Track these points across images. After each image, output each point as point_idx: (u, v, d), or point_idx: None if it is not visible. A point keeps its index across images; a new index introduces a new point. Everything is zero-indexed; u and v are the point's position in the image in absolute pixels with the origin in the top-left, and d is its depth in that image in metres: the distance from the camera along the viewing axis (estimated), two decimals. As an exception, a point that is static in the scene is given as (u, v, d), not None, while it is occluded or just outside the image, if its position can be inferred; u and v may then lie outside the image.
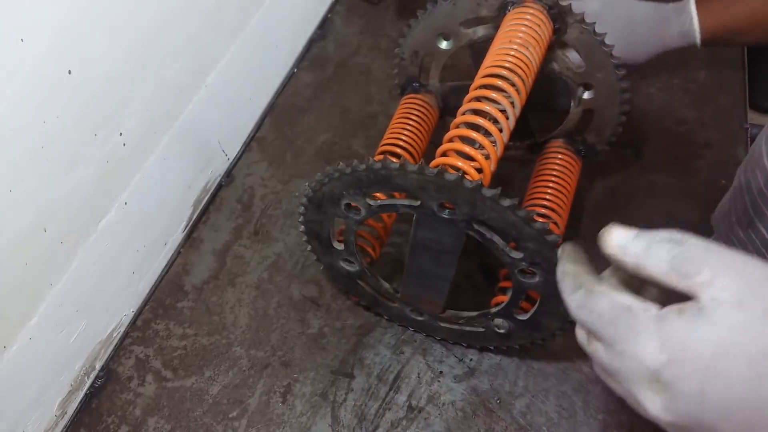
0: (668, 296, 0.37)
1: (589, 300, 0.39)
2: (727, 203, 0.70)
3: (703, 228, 0.86)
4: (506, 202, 0.51)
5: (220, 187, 0.96)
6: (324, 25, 1.16)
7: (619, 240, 0.38)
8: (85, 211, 0.71)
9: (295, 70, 1.10)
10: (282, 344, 0.80)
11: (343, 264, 0.72)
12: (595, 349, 0.40)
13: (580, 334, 0.42)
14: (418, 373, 0.75)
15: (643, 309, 0.37)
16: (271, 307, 0.83)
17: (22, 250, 0.64)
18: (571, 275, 0.42)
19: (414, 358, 0.76)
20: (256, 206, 0.94)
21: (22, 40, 0.57)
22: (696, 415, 0.35)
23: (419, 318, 0.73)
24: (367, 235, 0.74)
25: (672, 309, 0.36)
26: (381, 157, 0.65)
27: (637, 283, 0.42)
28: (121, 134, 0.73)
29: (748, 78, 1.03)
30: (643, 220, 0.86)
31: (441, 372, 0.75)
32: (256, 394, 0.76)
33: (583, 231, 0.85)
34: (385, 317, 0.79)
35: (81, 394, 0.78)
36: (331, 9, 1.18)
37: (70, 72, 0.63)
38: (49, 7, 0.59)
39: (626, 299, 0.38)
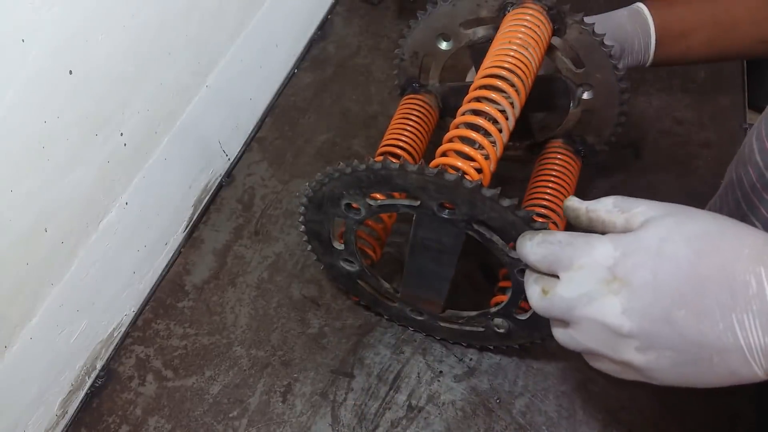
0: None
1: (548, 236, 0.45)
2: (718, 200, 0.70)
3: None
4: (506, 203, 0.52)
5: (220, 187, 0.96)
6: (324, 25, 1.16)
7: (577, 201, 0.47)
8: (85, 211, 0.72)
9: (296, 71, 1.10)
10: (282, 344, 0.80)
11: (343, 264, 0.72)
12: (548, 288, 0.44)
13: (534, 288, 0.46)
14: (418, 373, 0.75)
15: (596, 235, 0.43)
16: (272, 306, 0.83)
17: (23, 250, 0.64)
18: (528, 233, 0.48)
19: (414, 358, 0.77)
20: (257, 206, 0.94)
21: (23, 40, 0.57)
22: (652, 309, 0.39)
23: (419, 318, 0.73)
24: (366, 236, 0.74)
25: (622, 231, 0.42)
26: (381, 157, 0.65)
27: None
28: (121, 134, 0.73)
29: (748, 78, 1.03)
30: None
31: (441, 372, 0.75)
32: (256, 393, 0.76)
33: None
34: (385, 317, 0.79)
35: (82, 394, 0.78)
36: (332, 10, 1.18)
37: (71, 72, 0.63)
38: (49, 7, 0.59)
39: (580, 233, 0.44)
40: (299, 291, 0.84)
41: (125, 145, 0.74)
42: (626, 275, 0.40)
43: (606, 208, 0.44)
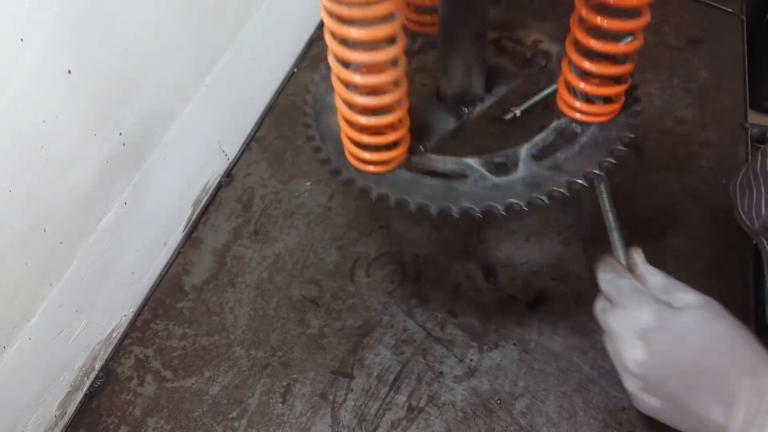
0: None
1: (617, 278, 0.58)
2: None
3: (703, 227, 0.86)
4: None
5: (219, 186, 0.96)
6: (324, 25, 1.16)
7: (641, 260, 0.61)
8: (84, 211, 0.71)
9: (296, 70, 1.10)
10: (282, 344, 0.80)
11: None
12: (605, 311, 0.58)
13: (600, 305, 0.59)
14: (418, 374, 0.75)
15: (651, 294, 0.56)
16: (271, 307, 0.83)
17: (21, 250, 0.64)
18: (605, 262, 0.60)
19: (414, 359, 0.76)
20: (256, 206, 0.94)
21: (21, 39, 0.57)
22: (659, 369, 0.53)
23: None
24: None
25: (666, 303, 0.55)
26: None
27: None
28: (120, 134, 0.73)
29: (748, 78, 1.03)
30: (643, 219, 0.86)
31: (441, 372, 0.75)
32: (255, 394, 0.76)
33: (582, 230, 0.85)
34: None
35: (81, 395, 0.78)
36: (331, 9, 1.18)
37: (69, 71, 0.63)
38: (48, 6, 0.59)
39: (641, 287, 0.57)
40: (299, 291, 0.84)
41: (124, 144, 0.74)
42: (652, 341, 0.53)
43: (655, 286, 0.57)
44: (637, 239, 0.63)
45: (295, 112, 1.04)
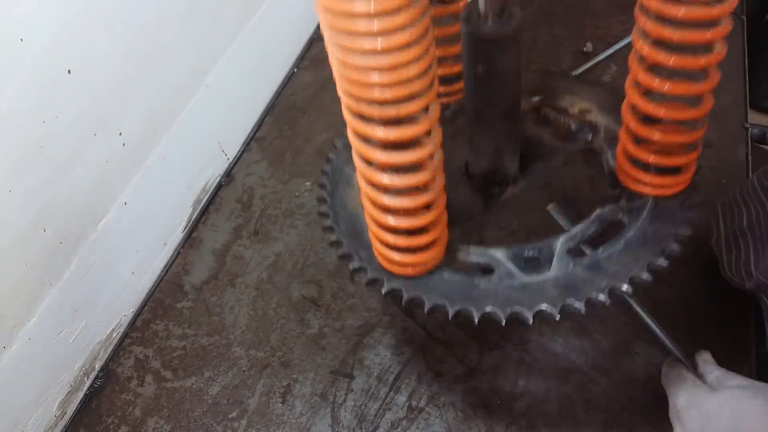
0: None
1: (666, 368, 0.60)
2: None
3: (704, 226, 0.85)
4: None
5: (219, 186, 0.96)
6: (324, 24, 1.16)
7: (706, 360, 0.60)
8: (84, 211, 0.71)
9: (295, 70, 1.10)
10: (282, 344, 0.79)
11: None
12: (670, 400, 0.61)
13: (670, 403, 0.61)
14: (418, 374, 0.75)
15: (691, 379, 0.58)
16: (271, 307, 0.83)
17: (21, 250, 0.64)
18: (668, 363, 0.61)
19: (414, 359, 0.76)
20: (256, 206, 0.93)
21: (21, 39, 0.57)
22: None
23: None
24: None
25: (704, 385, 0.57)
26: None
27: None
28: (120, 134, 0.73)
29: (748, 78, 1.03)
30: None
31: (441, 372, 0.75)
32: (255, 394, 0.76)
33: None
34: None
35: (80, 395, 0.78)
36: (331, 9, 1.18)
37: (69, 72, 0.63)
38: (48, 6, 0.59)
39: (685, 372, 0.59)
40: (299, 291, 0.84)
41: (124, 144, 0.74)
42: (685, 420, 0.55)
43: (711, 379, 0.58)
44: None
45: (296, 112, 1.04)
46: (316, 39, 1.13)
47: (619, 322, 0.77)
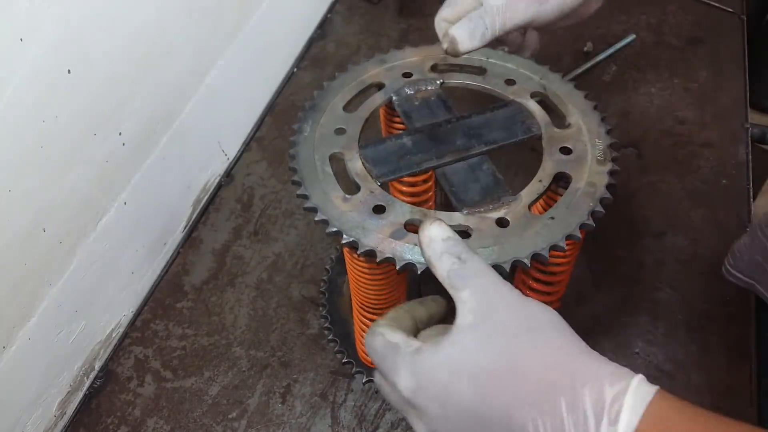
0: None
1: (370, 339, 0.45)
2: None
3: (704, 226, 0.86)
4: None
5: (219, 186, 0.96)
6: (324, 24, 1.16)
7: (432, 234, 0.44)
8: (84, 211, 0.71)
9: (295, 70, 1.09)
10: (282, 345, 0.79)
11: None
12: (381, 384, 0.46)
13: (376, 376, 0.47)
14: (418, 374, 0.75)
15: (407, 345, 0.42)
16: (271, 307, 0.83)
17: (21, 250, 0.64)
18: (376, 323, 0.46)
19: (414, 359, 0.76)
20: (256, 206, 0.93)
21: (21, 39, 0.57)
22: (444, 429, 0.41)
23: None
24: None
25: (428, 341, 0.42)
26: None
27: (432, 321, 0.48)
28: (120, 134, 0.73)
29: (749, 78, 1.03)
30: (643, 219, 0.86)
31: (441, 372, 0.75)
32: (255, 394, 0.76)
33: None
34: None
35: (80, 395, 0.78)
36: (331, 9, 1.18)
37: (69, 71, 0.63)
38: (48, 6, 0.58)
39: (397, 338, 0.43)
40: (299, 291, 0.84)
41: (124, 144, 0.74)
42: (421, 407, 0.41)
43: (441, 274, 0.44)
44: (637, 239, 0.63)
45: (296, 112, 1.04)
46: (316, 39, 1.13)
47: (619, 322, 0.77)
